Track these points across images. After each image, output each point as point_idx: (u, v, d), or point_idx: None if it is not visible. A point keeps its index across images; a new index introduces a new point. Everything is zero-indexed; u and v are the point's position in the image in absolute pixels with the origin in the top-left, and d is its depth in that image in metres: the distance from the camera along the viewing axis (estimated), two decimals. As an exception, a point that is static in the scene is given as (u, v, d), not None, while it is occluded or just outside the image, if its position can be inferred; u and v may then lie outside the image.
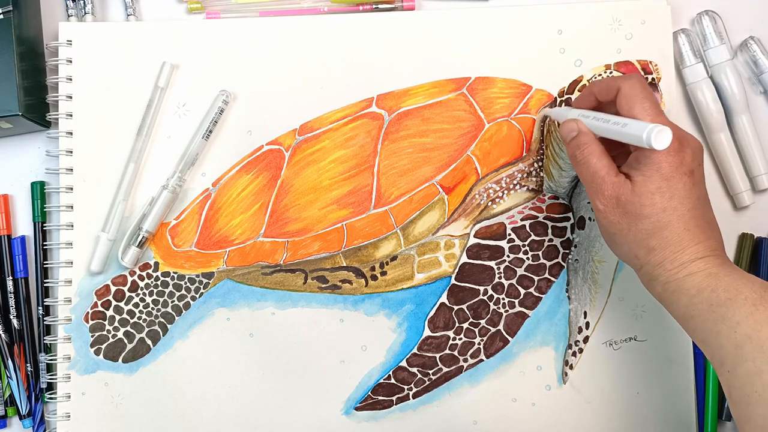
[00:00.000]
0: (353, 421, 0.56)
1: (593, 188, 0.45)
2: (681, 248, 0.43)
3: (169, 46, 0.56)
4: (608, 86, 0.46)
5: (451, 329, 0.56)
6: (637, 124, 0.42)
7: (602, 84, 0.47)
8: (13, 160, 0.58)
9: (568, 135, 0.47)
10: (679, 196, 0.43)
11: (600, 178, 0.44)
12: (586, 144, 0.45)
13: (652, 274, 0.44)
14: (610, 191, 0.44)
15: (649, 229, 0.43)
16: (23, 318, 0.56)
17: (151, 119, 0.56)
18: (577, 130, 0.46)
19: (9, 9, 0.53)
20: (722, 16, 0.58)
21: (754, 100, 0.59)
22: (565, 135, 0.47)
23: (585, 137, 0.46)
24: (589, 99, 0.49)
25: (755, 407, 0.39)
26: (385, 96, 0.57)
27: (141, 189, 0.56)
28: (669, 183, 0.43)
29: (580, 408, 0.56)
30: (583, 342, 0.56)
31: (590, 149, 0.45)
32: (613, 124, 0.43)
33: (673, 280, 0.43)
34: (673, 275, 0.43)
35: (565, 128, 0.47)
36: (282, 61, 0.57)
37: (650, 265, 0.44)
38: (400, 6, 0.58)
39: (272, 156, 0.56)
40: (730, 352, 0.40)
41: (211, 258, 0.56)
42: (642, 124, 0.41)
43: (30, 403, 0.56)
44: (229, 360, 0.55)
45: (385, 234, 0.56)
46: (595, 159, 0.45)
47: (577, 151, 0.46)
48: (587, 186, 0.46)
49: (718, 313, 0.41)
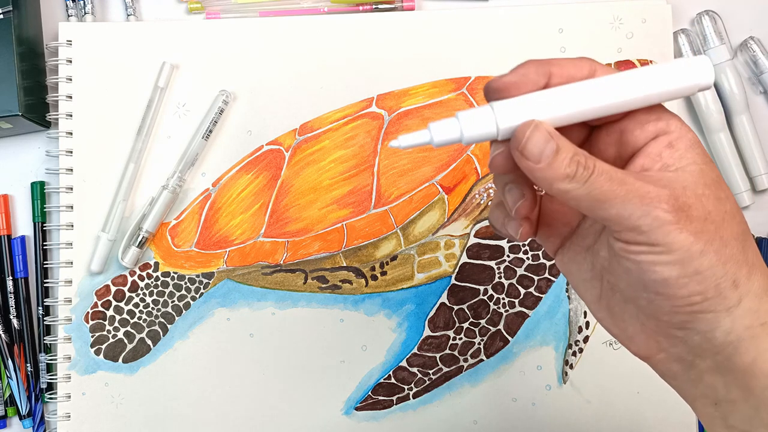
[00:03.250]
0: (353, 421, 0.56)
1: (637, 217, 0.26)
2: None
3: (169, 46, 0.56)
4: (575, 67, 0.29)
5: (452, 329, 0.56)
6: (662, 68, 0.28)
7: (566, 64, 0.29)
8: (13, 160, 0.58)
9: (539, 157, 0.27)
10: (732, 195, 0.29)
11: (642, 193, 0.26)
12: (584, 163, 0.27)
13: (758, 313, 0.27)
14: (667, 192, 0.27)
15: (739, 232, 0.28)
16: (23, 318, 0.56)
17: (151, 119, 0.56)
18: (554, 144, 0.27)
19: (9, 9, 0.53)
20: (722, 16, 0.58)
21: (754, 100, 0.59)
22: (535, 158, 0.27)
23: (576, 153, 0.27)
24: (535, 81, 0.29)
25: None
26: (385, 96, 0.57)
27: (141, 189, 0.56)
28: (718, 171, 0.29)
29: (580, 408, 0.56)
30: (583, 342, 0.56)
31: (597, 168, 0.27)
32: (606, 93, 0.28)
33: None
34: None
35: (532, 148, 0.27)
36: (282, 61, 0.57)
37: (754, 295, 0.27)
38: (400, 6, 0.58)
39: (272, 156, 0.56)
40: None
41: (211, 258, 0.56)
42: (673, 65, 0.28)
43: (30, 403, 0.56)
44: (229, 360, 0.55)
45: (385, 234, 0.56)
46: (614, 173, 0.27)
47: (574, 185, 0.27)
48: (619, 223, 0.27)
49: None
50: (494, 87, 0.29)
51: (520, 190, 0.30)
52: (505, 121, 0.27)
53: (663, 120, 0.29)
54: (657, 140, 0.29)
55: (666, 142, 0.28)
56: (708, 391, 0.29)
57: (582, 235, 0.32)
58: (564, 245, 0.33)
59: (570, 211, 0.33)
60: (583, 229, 0.32)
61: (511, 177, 0.30)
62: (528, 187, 0.30)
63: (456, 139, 0.28)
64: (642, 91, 0.28)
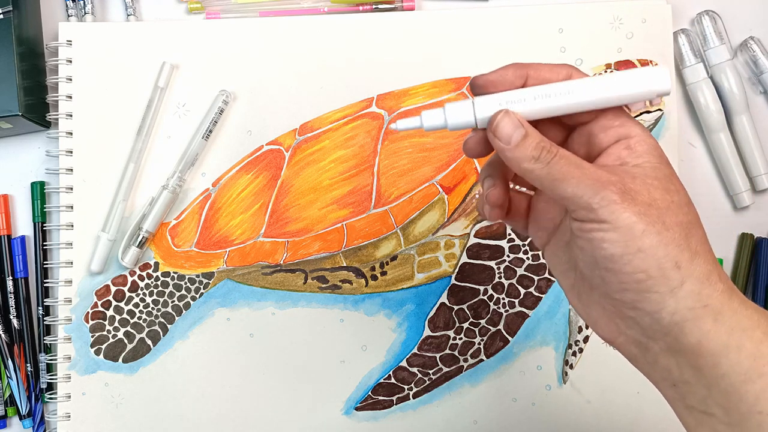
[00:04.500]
0: (353, 421, 0.56)
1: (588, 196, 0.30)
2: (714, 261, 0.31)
3: (169, 46, 0.56)
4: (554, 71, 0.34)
5: (452, 329, 0.56)
6: (623, 74, 0.32)
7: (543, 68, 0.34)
8: (13, 160, 0.58)
9: (508, 139, 0.32)
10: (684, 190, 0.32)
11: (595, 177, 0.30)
12: (548, 148, 0.31)
13: (700, 296, 0.30)
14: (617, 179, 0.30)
15: (685, 222, 0.30)
16: (23, 318, 0.56)
17: (151, 119, 0.56)
18: (523, 130, 0.32)
19: (9, 9, 0.53)
20: (722, 16, 0.58)
21: (754, 100, 0.59)
22: (505, 139, 0.32)
23: (542, 140, 0.32)
24: (512, 81, 0.34)
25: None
26: (385, 96, 0.57)
27: (141, 189, 0.56)
28: (674, 172, 0.32)
29: (580, 408, 0.56)
30: (583, 342, 0.56)
31: (559, 153, 0.31)
32: (568, 94, 0.32)
33: (727, 308, 0.30)
34: (725, 300, 0.30)
35: (503, 130, 0.32)
36: (282, 61, 0.57)
37: (695, 279, 0.30)
38: (400, 6, 0.58)
39: (272, 156, 0.56)
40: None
41: (211, 258, 0.56)
42: (633, 72, 0.32)
43: (30, 403, 0.56)
44: (229, 360, 0.55)
45: (385, 234, 0.56)
46: (573, 159, 0.31)
47: (538, 165, 0.31)
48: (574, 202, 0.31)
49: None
50: (476, 83, 0.34)
51: (492, 180, 0.36)
52: (482, 111, 0.33)
53: (625, 127, 0.32)
54: (618, 143, 0.32)
55: (625, 145, 0.32)
56: (665, 373, 0.32)
57: (562, 232, 0.36)
58: (549, 241, 0.37)
59: (554, 210, 0.37)
60: (563, 227, 0.36)
61: (489, 171, 0.37)
62: (500, 180, 0.36)
63: (442, 125, 0.34)
64: (602, 93, 0.32)
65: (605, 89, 0.32)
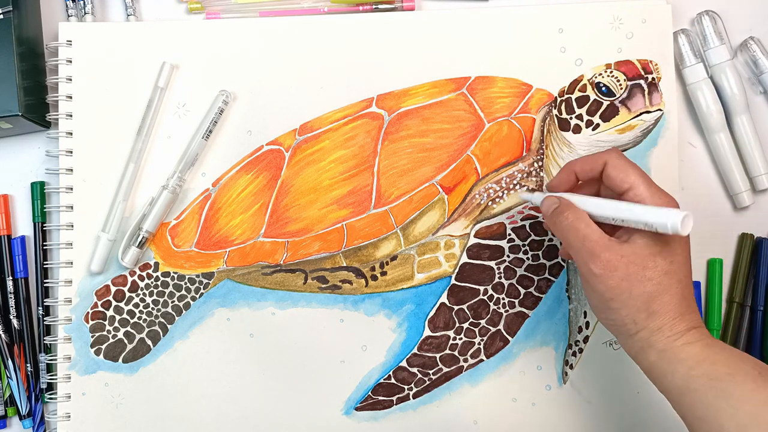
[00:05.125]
0: (353, 421, 0.56)
1: (585, 253, 0.43)
2: (680, 314, 0.42)
3: (169, 46, 0.56)
4: (591, 161, 0.46)
5: (452, 329, 0.56)
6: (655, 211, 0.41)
7: (584, 161, 0.47)
8: (13, 160, 0.58)
9: (549, 208, 0.46)
10: (678, 261, 0.42)
11: (593, 242, 0.43)
12: (569, 210, 0.44)
13: (649, 340, 0.43)
14: (608, 254, 0.42)
15: (652, 292, 0.42)
16: (23, 318, 0.56)
17: (151, 119, 0.56)
18: (558, 201, 0.46)
19: (9, 9, 0.53)
20: (722, 16, 0.58)
21: (754, 101, 0.59)
22: (546, 209, 0.46)
23: (568, 206, 0.45)
24: (568, 179, 0.48)
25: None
26: (385, 96, 0.57)
27: (141, 189, 0.56)
28: (670, 246, 0.42)
29: (580, 408, 0.56)
30: (583, 342, 0.56)
31: (576, 215, 0.44)
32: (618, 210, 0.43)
33: (670, 348, 0.42)
34: (670, 343, 0.42)
35: (546, 203, 0.47)
36: (282, 62, 0.57)
37: (648, 330, 0.42)
38: (400, 6, 0.58)
39: (272, 156, 0.56)
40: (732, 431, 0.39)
41: (211, 258, 0.56)
42: (660, 211, 0.41)
43: (30, 404, 0.56)
44: (229, 360, 0.55)
45: (385, 234, 0.56)
46: (583, 224, 0.44)
47: (560, 218, 0.45)
48: (576, 253, 0.44)
49: (718, 388, 0.40)
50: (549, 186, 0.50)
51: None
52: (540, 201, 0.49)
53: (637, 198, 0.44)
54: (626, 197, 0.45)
55: None
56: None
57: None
58: None
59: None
60: None
61: None
62: None
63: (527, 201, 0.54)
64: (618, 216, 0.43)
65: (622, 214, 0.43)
